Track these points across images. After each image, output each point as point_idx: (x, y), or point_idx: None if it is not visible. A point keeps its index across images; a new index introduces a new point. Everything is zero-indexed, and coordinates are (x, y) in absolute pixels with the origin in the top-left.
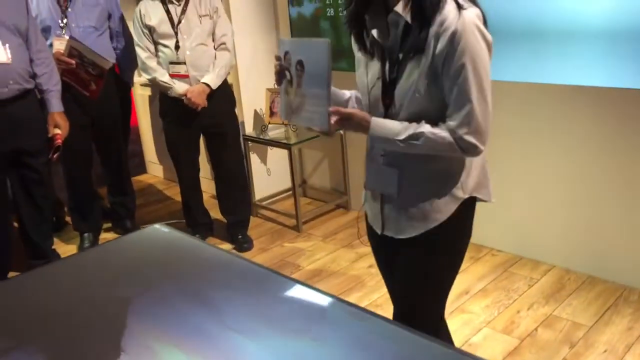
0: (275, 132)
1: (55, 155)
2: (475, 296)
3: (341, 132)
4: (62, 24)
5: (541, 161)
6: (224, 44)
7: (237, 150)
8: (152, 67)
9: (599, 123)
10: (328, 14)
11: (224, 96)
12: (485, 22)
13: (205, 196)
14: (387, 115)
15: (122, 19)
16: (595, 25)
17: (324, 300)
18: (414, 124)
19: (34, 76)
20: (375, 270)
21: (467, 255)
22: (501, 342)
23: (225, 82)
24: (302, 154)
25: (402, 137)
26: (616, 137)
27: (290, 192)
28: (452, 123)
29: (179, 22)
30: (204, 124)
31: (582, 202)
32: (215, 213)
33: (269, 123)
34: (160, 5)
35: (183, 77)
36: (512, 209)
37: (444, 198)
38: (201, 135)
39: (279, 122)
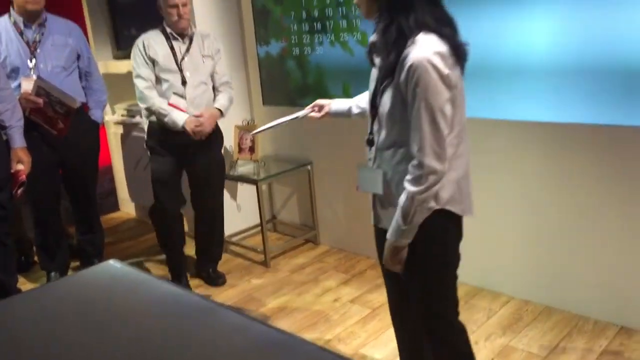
0: (244, 167)
1: (19, 191)
2: None
3: (309, 167)
4: (30, 65)
5: (498, 194)
6: (227, 82)
7: (221, 191)
8: (150, 96)
9: (550, 157)
10: (294, 53)
11: (217, 138)
12: (458, 56)
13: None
14: (371, 131)
15: (91, 59)
16: (542, 63)
17: (280, 339)
18: (396, 214)
19: None
20: (340, 304)
21: None
22: None
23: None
24: (272, 189)
25: (404, 224)
26: (566, 170)
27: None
28: (413, 147)
29: (183, 58)
30: (193, 162)
31: (538, 233)
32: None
33: (238, 159)
34: (164, 40)
35: (180, 111)
36: (472, 241)
37: None
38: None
39: (248, 158)
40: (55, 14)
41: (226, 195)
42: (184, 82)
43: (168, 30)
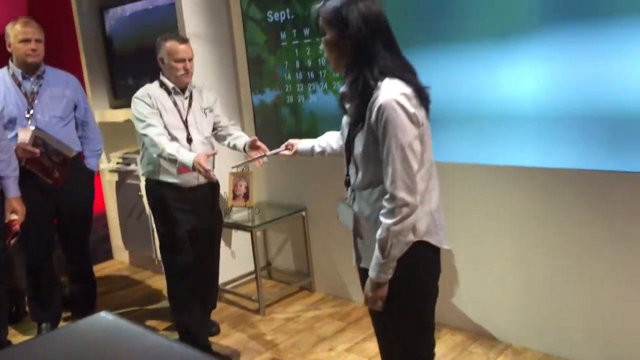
0: (238, 214)
1: (12, 241)
2: None
3: (303, 213)
4: (28, 115)
5: (493, 240)
6: (233, 123)
7: (219, 242)
8: (162, 142)
9: (538, 202)
10: (287, 102)
11: (216, 192)
12: (421, 98)
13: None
14: (348, 173)
15: (87, 109)
16: (530, 109)
17: None
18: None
19: None
20: (335, 353)
21: None
22: None
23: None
24: (267, 236)
25: (382, 258)
26: (559, 216)
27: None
28: (386, 182)
29: (187, 114)
30: (198, 220)
31: (533, 279)
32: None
33: (232, 206)
34: (167, 95)
35: (184, 171)
36: (470, 288)
37: None
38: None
39: (243, 204)
40: (54, 65)
41: (221, 242)
42: (189, 140)
43: (170, 84)
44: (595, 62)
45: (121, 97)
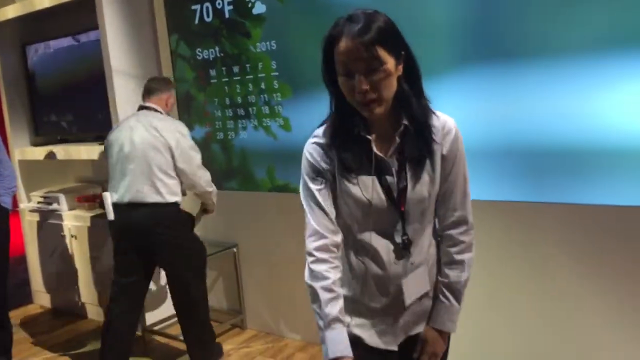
0: None
1: None
2: None
3: (234, 249)
4: None
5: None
6: None
7: None
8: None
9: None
10: (218, 138)
11: None
12: None
13: None
14: (403, 224)
15: (0, 146)
16: (499, 144)
17: None
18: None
19: None
20: None
21: None
22: None
23: None
24: None
25: (461, 302)
26: (533, 250)
27: None
28: (455, 211)
29: None
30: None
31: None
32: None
33: None
34: None
35: None
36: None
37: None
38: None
39: None
40: None
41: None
42: None
43: None
44: (510, 100)
45: (43, 133)
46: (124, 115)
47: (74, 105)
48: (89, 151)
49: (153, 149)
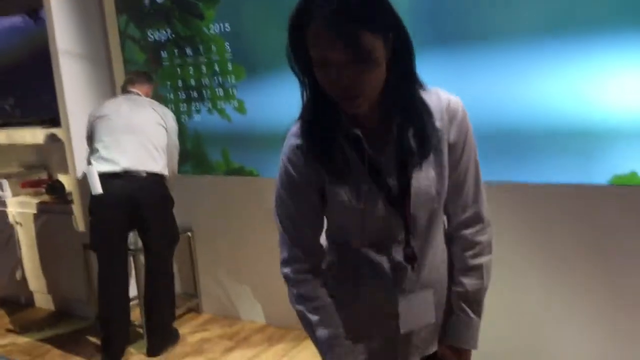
0: None
1: None
2: None
3: (189, 234)
4: None
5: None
6: None
7: None
8: None
9: None
10: None
11: None
12: None
13: None
14: (407, 234)
15: None
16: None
17: None
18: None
19: None
20: None
21: None
22: None
23: None
24: None
25: (481, 313)
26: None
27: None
28: (472, 209)
29: None
30: None
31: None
32: None
33: None
34: None
35: None
36: None
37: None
38: None
39: None
40: None
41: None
42: None
43: None
44: (474, 82)
45: None
46: (71, 98)
47: (17, 87)
48: (34, 135)
49: (151, 125)
